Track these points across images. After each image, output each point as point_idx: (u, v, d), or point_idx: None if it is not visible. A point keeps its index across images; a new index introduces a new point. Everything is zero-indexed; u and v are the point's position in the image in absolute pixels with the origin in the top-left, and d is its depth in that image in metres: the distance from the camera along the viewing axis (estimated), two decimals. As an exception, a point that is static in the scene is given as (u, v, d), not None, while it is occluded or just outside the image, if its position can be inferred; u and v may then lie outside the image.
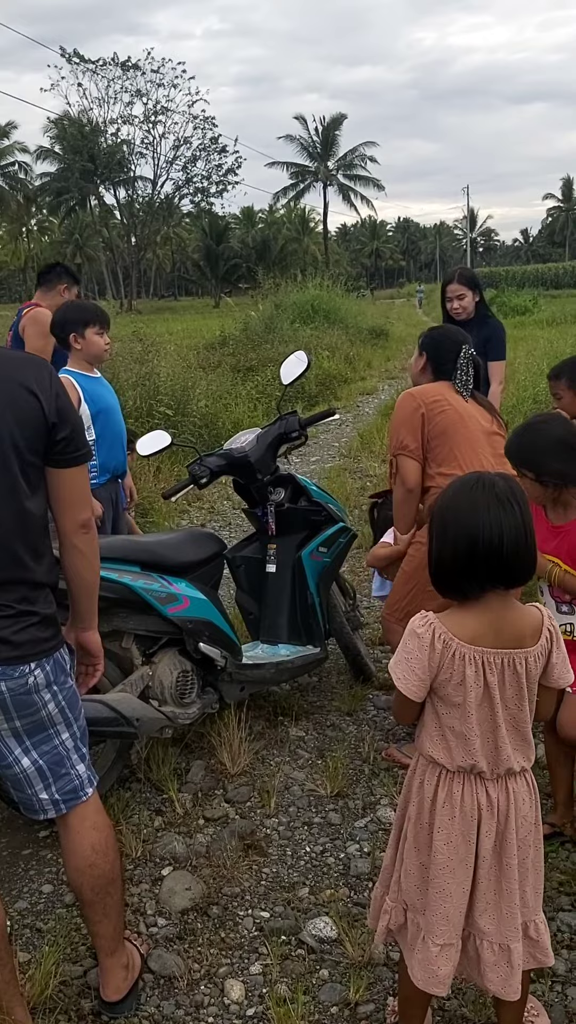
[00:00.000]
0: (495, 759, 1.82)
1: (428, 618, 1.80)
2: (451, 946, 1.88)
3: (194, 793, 3.23)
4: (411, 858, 1.92)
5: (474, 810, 1.84)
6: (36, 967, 2.35)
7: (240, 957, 2.47)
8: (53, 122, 52.41)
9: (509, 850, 1.84)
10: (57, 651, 2.01)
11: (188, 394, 9.62)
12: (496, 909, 1.86)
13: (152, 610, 3.10)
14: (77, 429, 1.98)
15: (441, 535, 1.80)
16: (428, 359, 3.40)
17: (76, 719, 2.09)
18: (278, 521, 3.80)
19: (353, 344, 18.75)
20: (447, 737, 1.84)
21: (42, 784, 2.04)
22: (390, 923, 2.00)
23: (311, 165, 63.92)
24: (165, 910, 2.64)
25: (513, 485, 1.79)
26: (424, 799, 1.89)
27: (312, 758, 3.48)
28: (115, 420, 3.98)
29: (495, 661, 1.77)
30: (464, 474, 1.91)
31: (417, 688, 1.80)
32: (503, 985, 1.87)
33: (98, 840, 2.13)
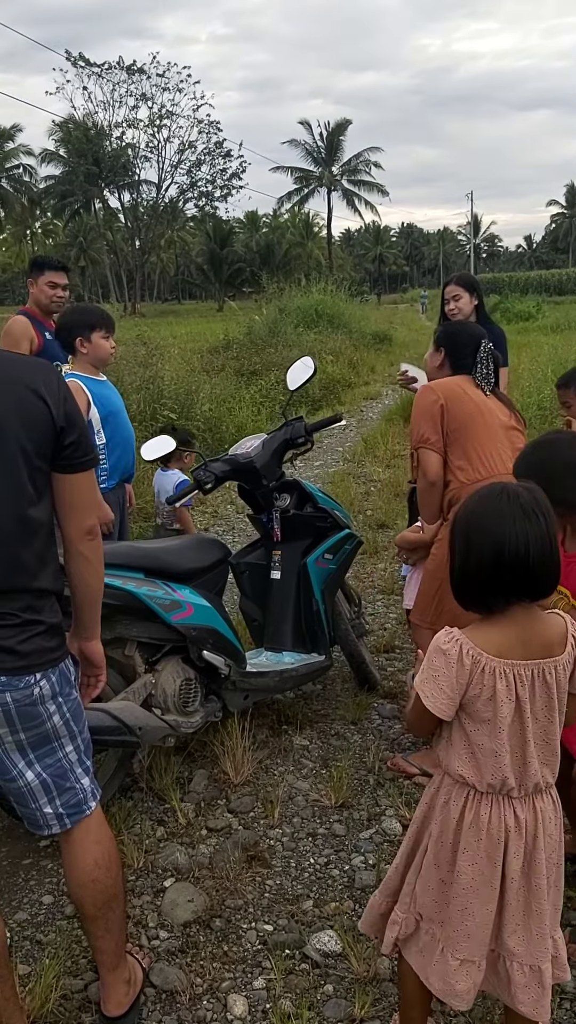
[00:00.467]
0: (523, 775, 1.78)
1: (454, 634, 1.76)
2: (472, 963, 1.83)
3: (197, 803, 3.19)
4: (430, 873, 1.87)
5: (501, 832, 1.79)
6: (36, 980, 2.32)
7: (243, 971, 2.43)
8: (58, 125, 52.55)
9: (538, 870, 1.79)
10: (63, 661, 1.97)
11: (192, 398, 9.60)
12: (526, 930, 1.81)
13: (156, 617, 3.07)
14: (84, 434, 1.95)
15: (464, 547, 1.76)
16: (446, 354, 3.38)
17: (80, 731, 2.05)
18: (283, 527, 3.77)
19: (357, 349, 18.76)
20: (476, 755, 1.79)
21: (46, 798, 2.00)
22: (400, 933, 1.95)
23: (315, 170, 63.99)
24: (167, 922, 2.60)
25: (538, 496, 1.76)
26: (449, 819, 1.84)
27: (316, 768, 3.44)
28: (123, 423, 3.98)
29: (525, 674, 1.73)
30: (486, 481, 1.88)
31: (446, 706, 1.76)
32: (535, 1006, 1.82)
33: (101, 855, 2.10)
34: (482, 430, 3.18)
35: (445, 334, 3.44)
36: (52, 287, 4.69)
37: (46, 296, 4.69)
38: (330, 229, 67.47)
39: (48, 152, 55.67)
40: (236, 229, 69.38)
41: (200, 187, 54.22)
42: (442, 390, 3.22)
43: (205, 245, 66.33)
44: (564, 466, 2.26)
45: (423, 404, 3.22)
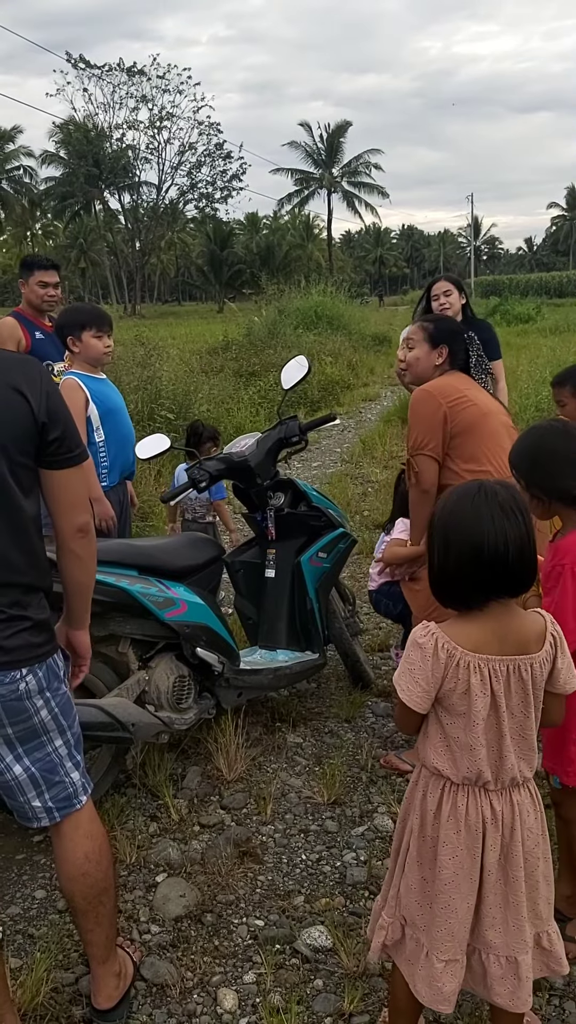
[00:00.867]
0: (500, 768, 1.80)
1: (430, 628, 1.78)
2: (456, 962, 1.84)
3: (190, 799, 3.20)
4: (413, 872, 1.89)
5: (479, 823, 1.81)
6: (28, 973, 2.33)
7: (234, 966, 2.44)
8: (58, 127, 52.66)
9: (515, 863, 1.81)
10: (50, 657, 1.97)
11: (190, 398, 9.63)
12: (503, 922, 1.83)
13: (149, 614, 3.08)
14: (70, 430, 1.94)
15: (443, 545, 1.78)
16: (450, 352, 3.27)
17: (70, 726, 2.05)
18: (278, 526, 3.79)
19: (356, 350, 18.77)
20: (452, 748, 1.81)
21: (35, 792, 2.01)
22: (386, 939, 1.97)
23: (316, 172, 64.07)
24: (159, 917, 2.61)
25: (515, 493, 1.78)
26: (427, 812, 1.86)
27: (309, 765, 3.45)
28: (123, 421, 4.01)
29: (500, 669, 1.75)
30: (465, 482, 1.88)
31: (421, 699, 1.78)
32: (511, 998, 1.84)
33: (92, 849, 2.10)
34: (488, 431, 3.14)
35: (448, 331, 3.31)
36: (43, 286, 4.66)
37: (37, 296, 4.68)
38: (330, 231, 67.59)
39: (48, 154, 55.75)
40: (236, 231, 69.41)
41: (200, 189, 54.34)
42: (442, 394, 3.12)
43: (205, 247, 66.39)
44: (550, 453, 2.26)
45: (425, 410, 3.12)
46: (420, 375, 3.31)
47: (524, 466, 2.30)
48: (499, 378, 4.97)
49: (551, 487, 2.24)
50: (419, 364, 3.30)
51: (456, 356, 3.29)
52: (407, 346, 3.34)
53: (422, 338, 3.28)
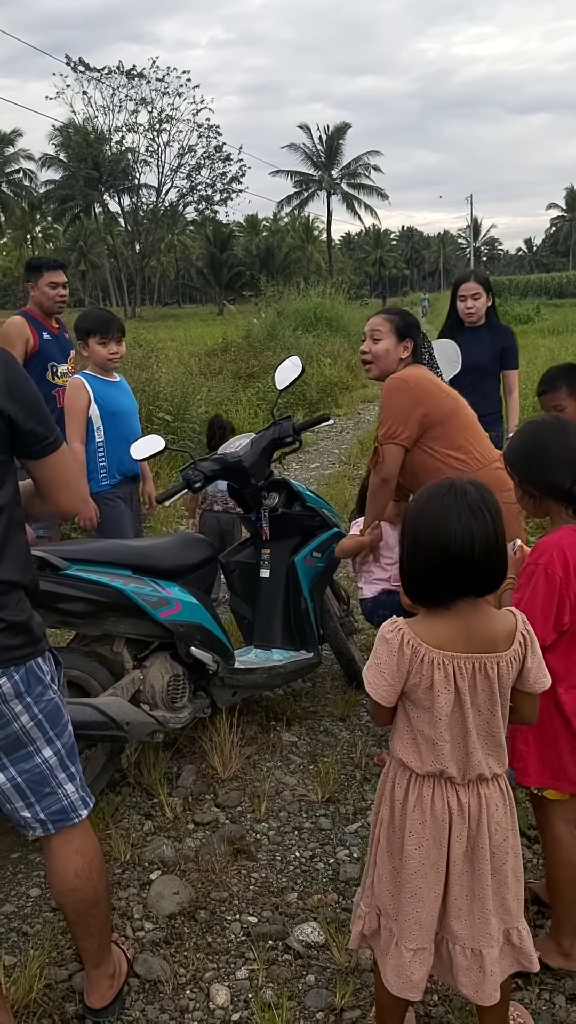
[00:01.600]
0: (466, 765, 1.82)
1: (397, 623, 1.81)
2: (424, 950, 1.87)
3: (184, 798, 3.22)
4: (384, 863, 1.92)
5: (445, 814, 1.83)
6: (21, 971, 2.34)
7: (226, 962, 2.46)
8: (58, 130, 52.65)
9: (481, 855, 1.84)
10: (31, 660, 1.91)
11: (188, 400, 9.64)
12: (469, 914, 1.86)
13: (143, 614, 3.10)
14: (41, 420, 1.90)
15: (412, 542, 1.80)
16: (415, 345, 3.29)
17: (59, 735, 1.99)
18: (272, 526, 3.80)
19: (355, 352, 18.65)
20: (417, 741, 1.84)
21: (22, 802, 1.97)
22: (364, 928, 2.00)
23: (315, 174, 64.10)
24: (152, 914, 2.63)
25: (484, 493, 1.78)
26: (395, 802, 1.88)
27: (304, 763, 3.47)
28: (127, 423, 4.08)
29: (465, 666, 1.77)
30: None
31: (386, 693, 1.81)
32: (475, 989, 1.87)
33: (81, 865, 2.06)
34: (465, 420, 3.18)
35: (413, 325, 3.31)
36: (53, 287, 4.66)
37: (48, 297, 4.67)
38: (330, 233, 67.59)
39: (48, 157, 55.77)
40: (236, 233, 69.47)
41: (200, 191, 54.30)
42: (418, 385, 3.14)
43: (205, 249, 66.40)
44: (544, 448, 2.24)
45: (401, 400, 3.12)
46: (386, 368, 3.29)
47: (518, 462, 2.29)
48: (512, 388, 4.89)
49: (544, 483, 2.23)
50: (387, 356, 3.27)
51: (418, 349, 3.29)
52: (372, 338, 3.28)
53: (389, 330, 3.26)
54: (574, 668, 2.24)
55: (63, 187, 57.31)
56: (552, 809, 2.34)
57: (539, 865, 2.80)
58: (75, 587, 2.93)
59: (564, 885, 2.37)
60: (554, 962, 2.37)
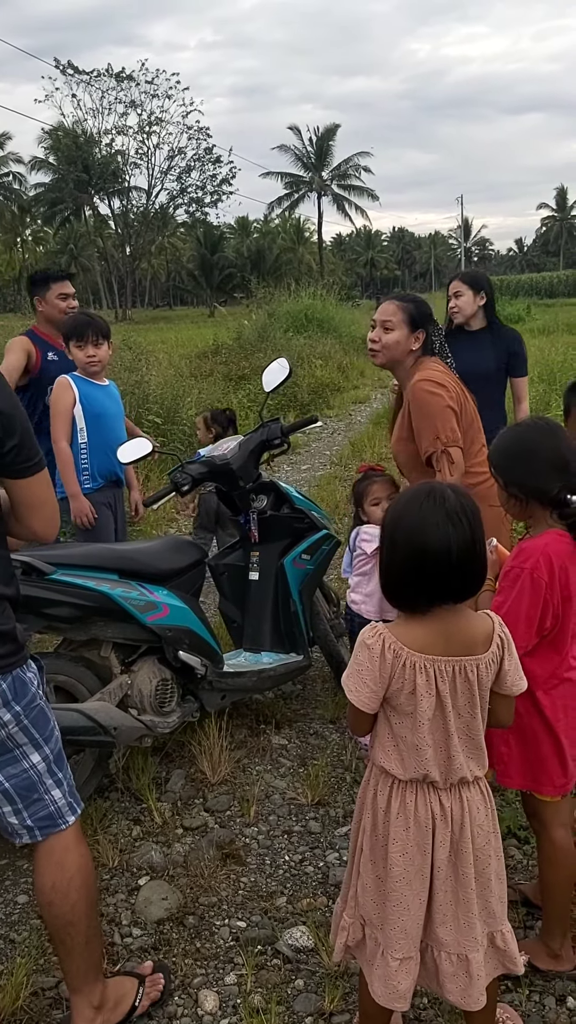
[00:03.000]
0: (448, 768, 1.81)
1: (378, 629, 1.80)
2: (410, 959, 1.86)
3: (173, 802, 3.21)
4: (367, 872, 1.91)
5: (428, 820, 1.82)
6: (8, 978, 2.33)
7: (215, 967, 2.44)
8: (47, 133, 52.61)
9: (465, 859, 1.83)
10: (16, 668, 1.91)
11: (178, 403, 9.63)
12: (454, 919, 1.85)
13: (131, 618, 3.08)
14: (25, 440, 1.87)
15: (391, 549, 1.79)
16: (426, 336, 3.16)
17: (47, 741, 1.99)
18: (261, 528, 3.79)
19: (346, 353, 18.78)
20: (400, 747, 1.83)
21: (10, 808, 1.96)
22: (348, 939, 1.98)
23: (305, 175, 64.16)
24: (140, 920, 2.62)
25: (463, 499, 1.77)
26: (378, 810, 1.87)
27: (294, 766, 3.46)
28: (111, 427, 4.06)
29: (446, 669, 1.76)
30: (416, 485, 1.88)
31: (369, 699, 1.79)
32: (462, 995, 1.86)
33: (60, 880, 2.03)
34: (479, 425, 3.14)
35: (427, 315, 3.17)
36: (63, 299, 4.36)
37: (58, 310, 4.35)
38: (321, 234, 67.70)
39: (38, 160, 55.76)
40: (227, 235, 69.53)
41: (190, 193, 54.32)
42: (448, 389, 3.03)
43: (196, 251, 66.48)
44: (530, 451, 2.20)
45: (445, 400, 2.99)
46: (394, 359, 3.20)
47: (503, 464, 2.25)
48: (522, 398, 4.66)
49: (529, 486, 2.19)
50: (396, 348, 3.16)
51: (429, 340, 3.19)
52: (384, 327, 3.16)
53: (402, 320, 3.13)
54: (553, 671, 2.23)
55: (53, 190, 57.30)
56: (547, 812, 2.34)
57: (529, 866, 2.80)
58: (61, 592, 2.92)
59: (557, 888, 2.36)
60: (543, 964, 2.36)
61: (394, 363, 3.21)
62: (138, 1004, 2.23)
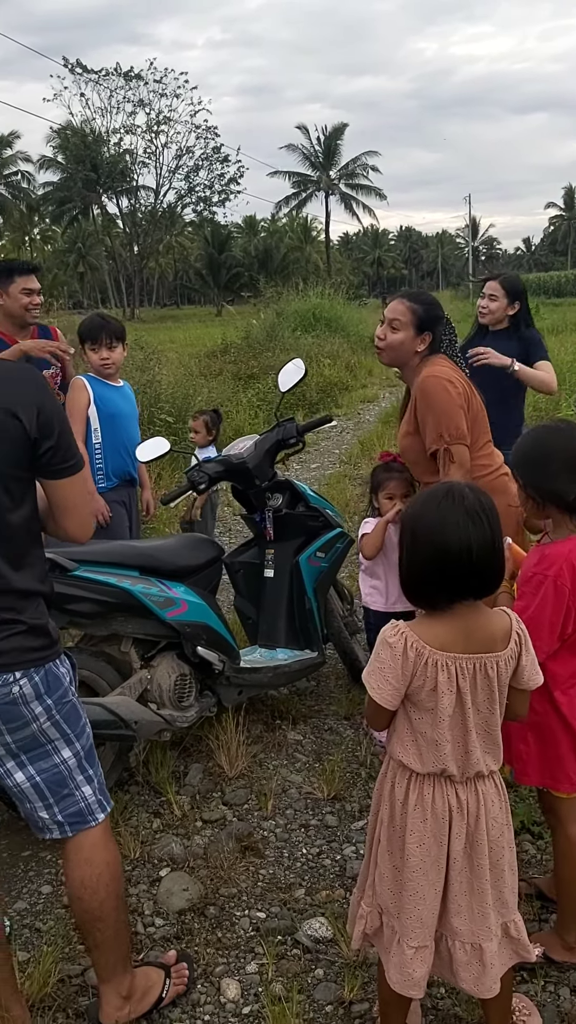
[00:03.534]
0: (465, 763, 1.86)
1: (399, 627, 1.83)
2: (425, 948, 1.91)
3: (192, 795, 3.26)
4: (384, 862, 1.95)
5: (445, 812, 1.87)
6: (35, 966, 2.38)
7: (236, 956, 2.49)
8: (56, 132, 52.70)
9: (480, 850, 1.88)
10: (50, 662, 1.95)
11: (189, 401, 9.68)
12: (469, 910, 1.90)
13: (150, 614, 3.13)
14: (64, 441, 1.91)
15: (411, 547, 1.83)
16: (432, 338, 3.14)
17: (78, 737, 2.02)
18: (276, 526, 3.84)
19: (355, 352, 18.79)
20: (418, 742, 1.87)
21: (41, 803, 2.00)
22: (366, 927, 2.03)
23: (313, 174, 64.17)
24: (163, 910, 2.67)
25: (482, 497, 1.81)
26: (395, 802, 1.92)
27: (309, 761, 3.51)
28: (124, 427, 4.11)
29: (467, 666, 1.80)
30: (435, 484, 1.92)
31: (391, 696, 1.83)
32: (475, 983, 1.91)
33: (88, 876, 2.07)
34: (484, 416, 3.17)
35: (436, 318, 3.15)
36: (27, 293, 4.08)
37: (20, 305, 4.08)
38: (328, 233, 67.63)
39: (46, 159, 55.86)
40: (234, 234, 69.47)
41: (198, 192, 54.33)
42: (457, 385, 3.02)
43: (203, 250, 66.41)
44: (548, 455, 2.21)
45: (451, 397, 2.98)
46: (398, 359, 3.21)
47: (521, 465, 2.27)
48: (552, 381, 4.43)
49: (547, 489, 2.20)
50: (401, 348, 3.15)
51: (436, 341, 3.17)
52: (391, 326, 3.15)
53: (409, 322, 3.12)
54: (572, 672, 2.27)
55: (61, 189, 57.35)
56: (564, 808, 2.37)
57: (543, 860, 2.84)
58: (84, 588, 2.96)
59: (572, 883, 2.40)
60: (559, 956, 2.40)
61: (399, 362, 3.22)
62: (164, 995, 2.28)
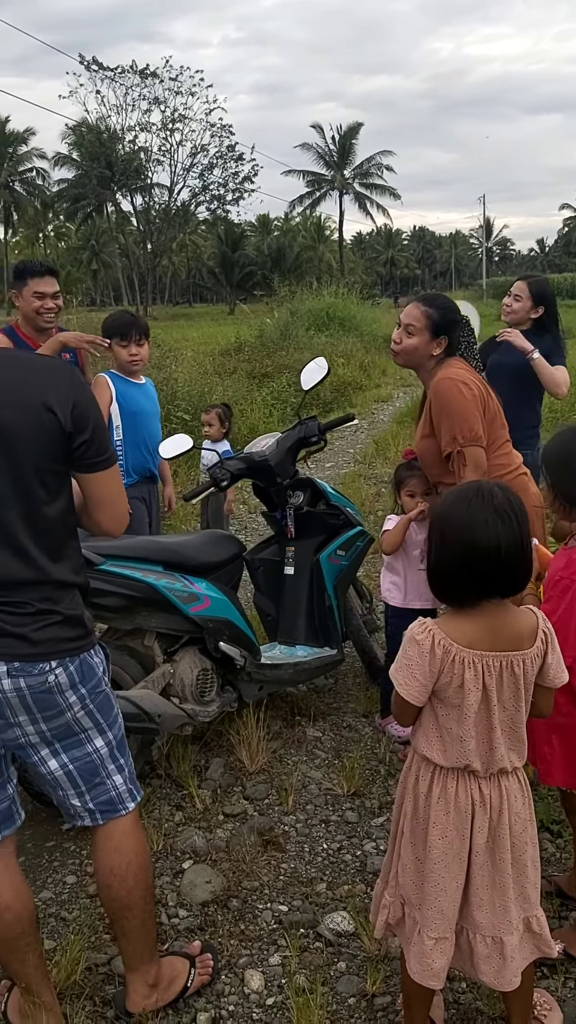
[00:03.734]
0: (489, 759, 1.88)
1: (427, 625, 1.86)
2: (445, 940, 1.94)
3: (213, 789, 3.29)
4: (407, 853, 1.98)
5: (468, 805, 1.89)
6: (62, 953, 2.41)
7: (259, 948, 2.52)
8: (71, 129, 52.71)
9: (502, 845, 1.90)
10: (84, 652, 1.98)
11: (205, 399, 9.71)
12: (490, 903, 1.92)
13: (174, 609, 3.16)
14: (98, 434, 1.93)
15: (440, 545, 1.85)
16: (448, 342, 3.15)
17: (111, 726, 2.05)
18: (297, 524, 3.86)
19: (368, 351, 18.81)
20: (444, 737, 1.89)
21: (73, 791, 2.03)
22: (389, 917, 2.06)
23: (327, 173, 64.13)
24: (186, 902, 2.70)
25: (511, 497, 1.83)
26: (419, 795, 1.94)
27: (329, 758, 3.53)
28: (146, 424, 4.15)
29: (493, 664, 1.82)
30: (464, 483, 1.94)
31: (418, 693, 1.86)
32: (495, 976, 1.93)
33: (118, 864, 2.10)
34: (501, 417, 3.18)
35: (452, 322, 3.15)
36: (39, 297, 3.96)
37: (31, 309, 3.98)
38: (341, 232, 67.57)
39: (61, 156, 55.90)
40: (248, 232, 69.51)
41: (212, 191, 54.27)
42: (474, 387, 3.04)
43: (216, 248, 66.50)
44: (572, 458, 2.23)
45: (465, 399, 2.99)
46: (413, 362, 3.22)
47: (552, 466, 2.28)
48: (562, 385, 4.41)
49: (572, 494, 2.22)
50: (416, 353, 3.17)
51: (453, 345, 3.19)
52: (406, 331, 3.16)
53: (424, 327, 3.13)
54: None
55: (76, 186, 57.42)
56: None
57: (562, 859, 2.86)
58: (110, 582, 3.00)
59: None
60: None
61: (415, 365, 3.24)
62: (190, 985, 2.31)
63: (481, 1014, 2.28)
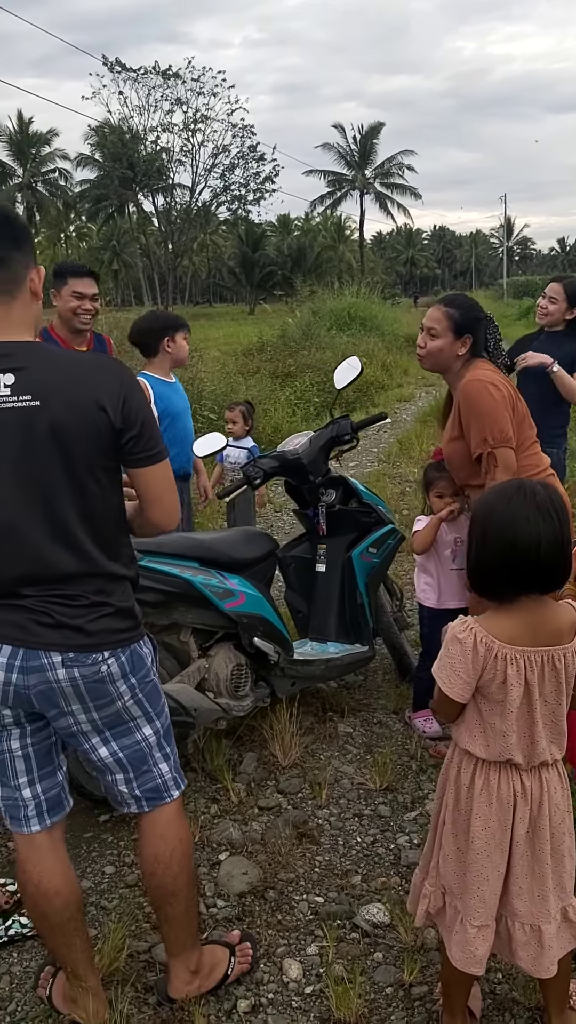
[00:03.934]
0: (531, 753, 1.91)
1: (468, 623, 1.89)
2: (487, 927, 1.98)
3: (247, 783, 3.33)
4: (449, 843, 2.02)
5: (510, 797, 1.92)
6: (104, 941, 2.46)
7: (297, 938, 2.56)
8: (94, 129, 52.97)
9: (542, 835, 1.93)
10: (135, 643, 2.03)
11: (230, 399, 9.78)
12: (530, 892, 1.96)
13: (210, 605, 3.21)
14: (146, 430, 1.95)
15: (481, 541, 1.88)
16: (473, 340, 3.15)
17: (158, 715, 2.11)
18: (328, 522, 3.89)
19: (390, 351, 18.81)
20: (487, 732, 1.93)
21: (122, 776, 2.08)
22: (429, 907, 2.10)
23: (348, 173, 64.05)
24: (224, 892, 2.74)
25: (552, 494, 1.86)
26: (461, 787, 1.98)
27: (360, 753, 3.56)
28: (182, 424, 4.21)
29: (535, 659, 1.85)
30: (506, 481, 1.97)
31: (462, 691, 1.89)
32: (533, 963, 1.97)
33: (163, 851, 2.15)
34: (529, 418, 3.20)
35: (475, 319, 3.15)
36: (78, 297, 3.99)
37: (68, 308, 4.00)
38: (362, 232, 67.54)
39: (84, 156, 56.20)
40: (268, 232, 69.61)
41: (233, 191, 54.40)
42: (502, 388, 3.05)
43: (237, 248, 66.63)
44: None
45: (495, 400, 2.99)
46: (440, 365, 3.22)
47: None
48: None
49: None
50: (441, 355, 3.17)
51: (478, 343, 3.19)
52: (429, 334, 3.17)
53: (447, 328, 3.12)
54: None
55: (98, 187, 57.69)
56: None
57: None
58: (147, 578, 3.03)
59: None
60: None
61: (441, 367, 3.24)
62: (230, 973, 2.35)
63: (517, 1004, 2.31)
